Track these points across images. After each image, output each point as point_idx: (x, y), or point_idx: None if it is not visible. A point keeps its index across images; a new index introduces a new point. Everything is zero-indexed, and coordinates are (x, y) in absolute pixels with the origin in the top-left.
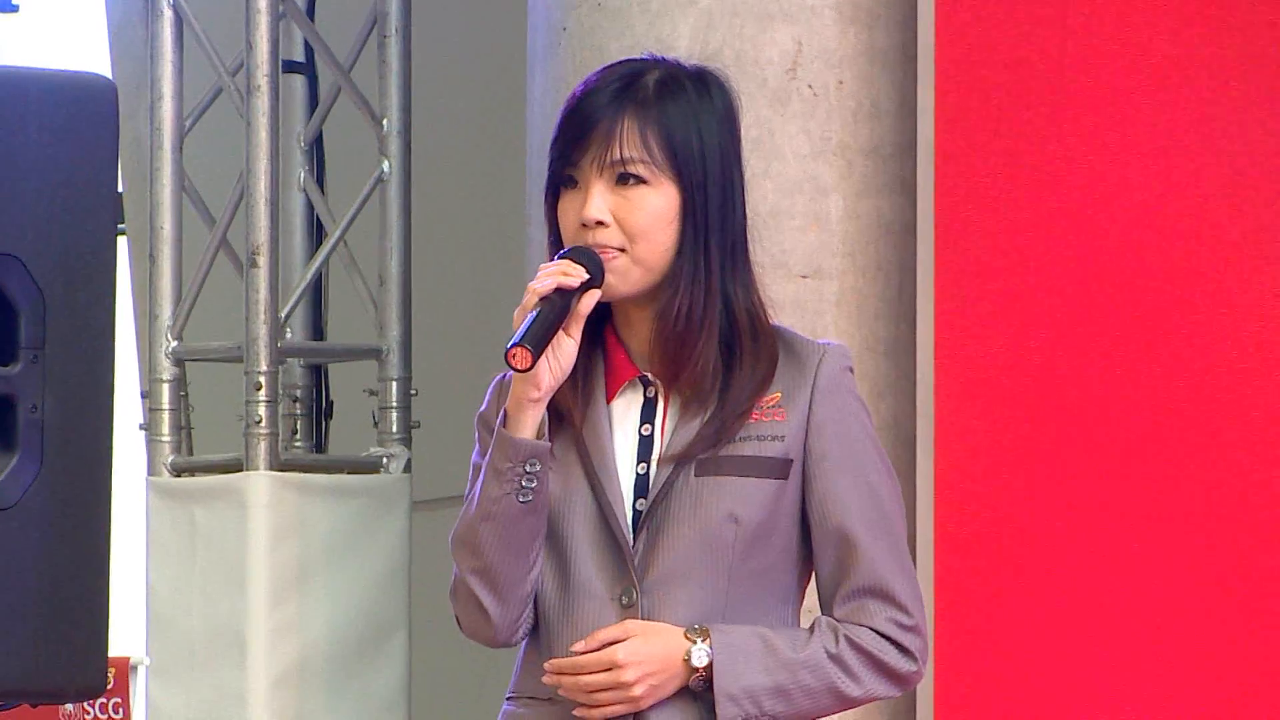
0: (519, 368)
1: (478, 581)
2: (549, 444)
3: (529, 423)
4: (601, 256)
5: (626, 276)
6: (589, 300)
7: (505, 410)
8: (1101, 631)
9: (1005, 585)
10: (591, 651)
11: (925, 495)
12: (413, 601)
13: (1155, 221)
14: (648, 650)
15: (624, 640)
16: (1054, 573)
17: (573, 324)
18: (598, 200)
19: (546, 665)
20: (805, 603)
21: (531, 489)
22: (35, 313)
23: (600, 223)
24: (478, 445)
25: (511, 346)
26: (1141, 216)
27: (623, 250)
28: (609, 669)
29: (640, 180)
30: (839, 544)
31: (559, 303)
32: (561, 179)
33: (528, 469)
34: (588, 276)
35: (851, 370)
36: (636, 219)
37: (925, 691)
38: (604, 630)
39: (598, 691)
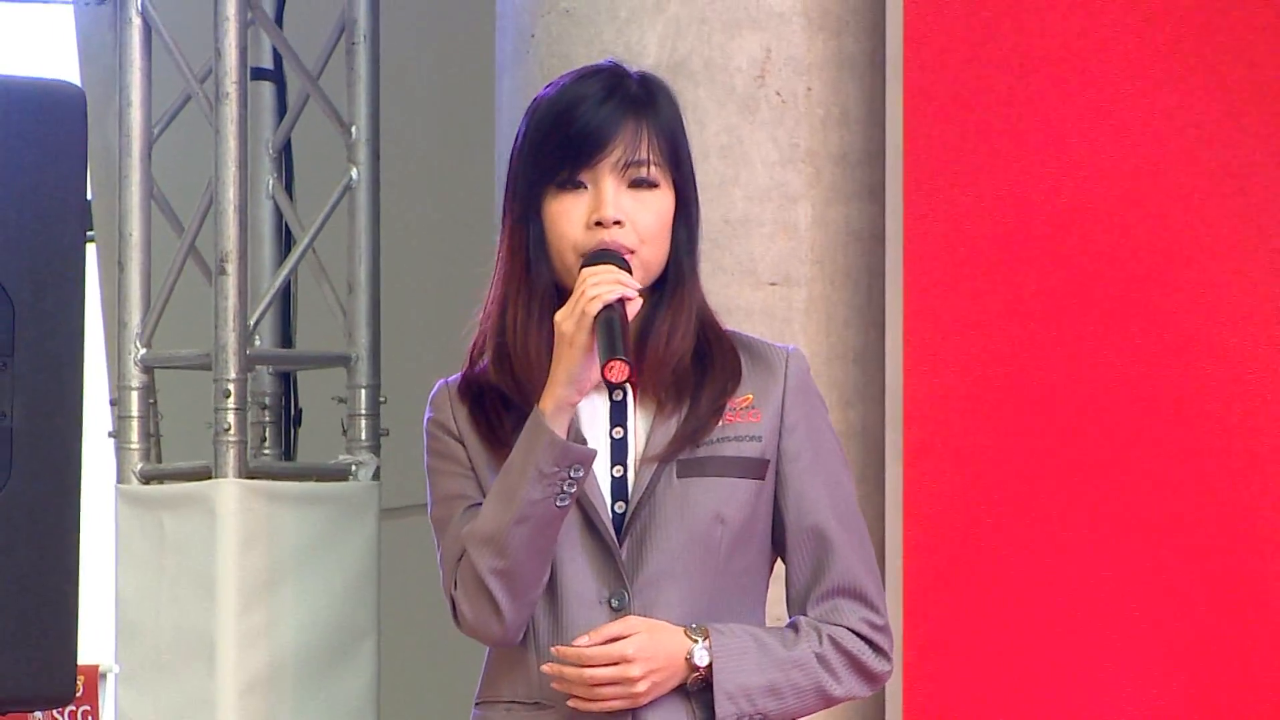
0: (617, 380)
1: (498, 582)
2: (594, 450)
3: (564, 427)
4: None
5: None
6: (633, 307)
7: (542, 412)
8: (1067, 635)
9: (973, 591)
10: (597, 645)
11: (894, 502)
12: (381, 608)
13: (1125, 226)
14: (654, 647)
15: (630, 636)
16: (1021, 578)
17: None
18: (617, 200)
19: (554, 650)
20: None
21: (570, 493)
22: (4, 320)
23: (617, 222)
24: (432, 452)
25: (610, 360)
26: (1110, 221)
27: (633, 253)
28: (616, 663)
29: (653, 184)
30: (815, 543)
31: (619, 309)
32: (570, 182)
33: (572, 474)
34: (639, 286)
35: (808, 371)
36: (649, 221)
37: (894, 695)
38: (608, 626)
39: (601, 685)
